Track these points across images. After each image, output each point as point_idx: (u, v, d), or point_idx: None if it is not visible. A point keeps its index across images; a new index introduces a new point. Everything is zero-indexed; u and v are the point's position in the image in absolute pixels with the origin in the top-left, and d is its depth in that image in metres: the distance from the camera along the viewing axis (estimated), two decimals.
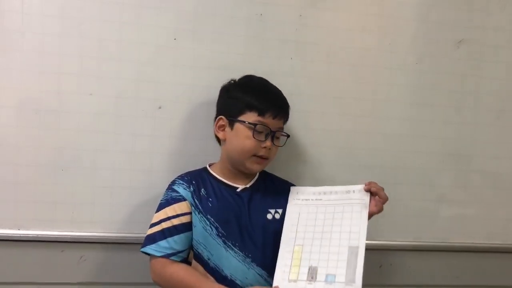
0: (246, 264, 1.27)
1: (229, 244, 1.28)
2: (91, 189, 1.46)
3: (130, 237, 1.47)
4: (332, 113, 1.58)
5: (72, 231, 1.45)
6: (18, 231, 1.43)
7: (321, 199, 1.32)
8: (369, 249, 1.59)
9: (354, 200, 1.28)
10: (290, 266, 1.22)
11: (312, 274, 1.20)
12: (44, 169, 1.43)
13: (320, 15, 1.55)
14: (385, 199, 1.27)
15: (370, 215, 1.28)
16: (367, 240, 1.52)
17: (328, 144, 1.59)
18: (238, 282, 1.26)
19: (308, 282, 1.19)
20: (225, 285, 1.24)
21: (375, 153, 1.62)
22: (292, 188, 1.38)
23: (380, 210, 1.28)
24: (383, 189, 1.28)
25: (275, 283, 1.21)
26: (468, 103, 1.67)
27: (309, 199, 1.33)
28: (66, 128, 1.43)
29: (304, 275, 1.20)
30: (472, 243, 1.71)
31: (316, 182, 1.55)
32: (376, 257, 1.65)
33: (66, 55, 1.42)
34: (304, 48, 1.55)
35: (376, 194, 1.27)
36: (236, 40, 1.51)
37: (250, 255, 1.28)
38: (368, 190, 1.28)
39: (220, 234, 1.28)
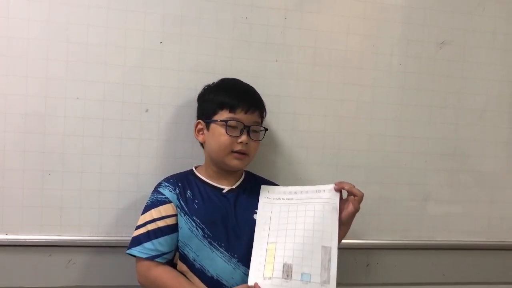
0: (232, 265, 1.28)
1: (215, 245, 1.28)
2: (78, 193, 1.46)
3: (118, 240, 1.47)
4: (318, 115, 1.60)
5: (60, 235, 1.45)
6: (6, 236, 1.43)
7: (292, 198, 1.33)
8: (356, 248, 1.64)
9: (324, 200, 1.29)
10: (264, 263, 1.23)
11: (287, 272, 1.20)
12: (31, 174, 1.43)
13: (305, 18, 1.57)
14: (360, 196, 1.28)
15: (350, 215, 1.29)
16: (353, 239, 1.57)
17: (314, 145, 1.60)
18: (224, 282, 1.27)
19: (284, 280, 1.19)
20: (212, 285, 1.26)
21: (360, 154, 1.64)
22: (262, 187, 1.38)
23: (357, 208, 1.29)
24: (354, 186, 1.29)
25: (250, 281, 1.22)
26: (451, 104, 1.70)
27: (280, 198, 1.34)
28: (53, 132, 1.43)
29: (279, 272, 1.20)
30: (458, 241, 1.74)
31: (303, 182, 1.57)
32: (363, 256, 1.67)
33: (52, 59, 1.42)
34: (290, 51, 1.57)
35: (350, 192, 1.29)
36: (222, 43, 1.52)
37: (236, 256, 1.29)
38: (338, 190, 1.30)
39: (206, 235, 1.28)
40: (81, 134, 1.45)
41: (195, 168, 1.41)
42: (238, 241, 1.30)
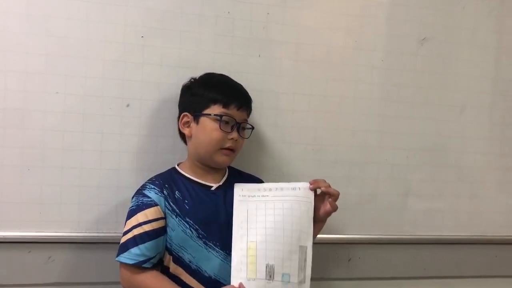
0: (228, 262, 1.26)
1: (210, 244, 1.28)
2: (59, 188, 1.44)
3: (98, 236, 1.46)
4: (301, 110, 1.60)
5: (39, 232, 1.43)
6: None
7: (267, 195, 1.31)
8: (338, 243, 1.65)
9: (300, 198, 1.29)
10: (246, 263, 1.22)
11: (270, 273, 1.20)
12: (10, 169, 1.41)
13: (287, 13, 1.57)
14: (336, 195, 1.29)
15: (327, 214, 1.30)
16: (335, 234, 1.58)
17: (297, 140, 1.60)
18: (221, 281, 1.26)
19: (267, 281, 1.20)
20: (210, 285, 1.25)
21: (342, 149, 1.64)
22: (236, 185, 1.35)
23: (335, 208, 1.29)
24: (329, 185, 1.29)
25: (233, 281, 1.21)
26: (432, 99, 1.71)
27: (255, 196, 1.31)
28: (32, 127, 1.41)
29: (262, 273, 1.20)
30: (438, 235, 1.75)
31: (286, 177, 1.58)
32: (345, 250, 1.68)
33: (31, 53, 1.40)
34: (272, 46, 1.57)
35: (326, 192, 1.29)
36: (204, 38, 1.51)
37: (231, 253, 1.27)
38: (313, 189, 1.30)
39: (201, 236, 1.27)
40: (61, 129, 1.43)
41: (178, 165, 1.40)
42: (231, 238, 1.28)
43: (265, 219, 1.27)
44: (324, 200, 1.30)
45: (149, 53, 1.48)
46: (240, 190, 1.33)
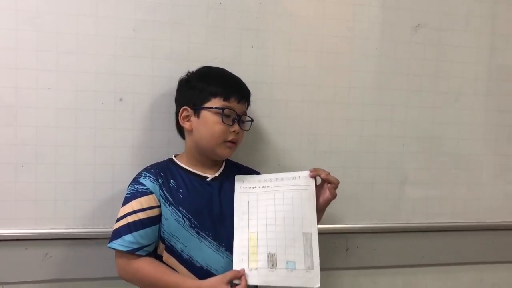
0: (220, 253, 1.27)
1: (203, 234, 1.27)
2: (53, 185, 1.43)
3: (94, 232, 1.45)
4: (295, 100, 1.60)
5: (36, 229, 1.43)
6: None
7: (268, 186, 1.32)
8: (335, 233, 1.65)
9: (301, 186, 1.29)
10: (248, 254, 1.22)
11: (272, 261, 1.20)
12: (4, 167, 1.40)
13: (280, 3, 1.56)
14: (336, 183, 1.30)
15: (327, 202, 1.31)
16: (332, 224, 1.57)
17: (291, 131, 1.60)
18: (213, 271, 1.26)
19: (270, 269, 1.20)
20: (201, 275, 1.24)
21: (338, 138, 1.64)
22: (237, 177, 1.36)
23: (334, 195, 1.31)
24: (329, 173, 1.30)
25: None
26: (427, 87, 1.71)
27: (255, 187, 1.32)
28: (25, 124, 1.40)
29: (264, 262, 1.20)
30: (435, 223, 1.76)
31: (281, 168, 1.57)
32: (343, 240, 1.68)
33: (22, 49, 1.38)
34: (265, 36, 1.56)
35: (326, 180, 1.30)
36: (196, 29, 1.50)
37: (223, 244, 1.28)
38: (313, 177, 1.31)
39: (193, 225, 1.27)
40: (54, 125, 1.42)
41: (175, 156, 1.39)
42: (224, 229, 1.29)
43: (265, 210, 1.27)
44: (323, 189, 1.31)
45: (140, 47, 1.46)
46: (241, 182, 1.34)
